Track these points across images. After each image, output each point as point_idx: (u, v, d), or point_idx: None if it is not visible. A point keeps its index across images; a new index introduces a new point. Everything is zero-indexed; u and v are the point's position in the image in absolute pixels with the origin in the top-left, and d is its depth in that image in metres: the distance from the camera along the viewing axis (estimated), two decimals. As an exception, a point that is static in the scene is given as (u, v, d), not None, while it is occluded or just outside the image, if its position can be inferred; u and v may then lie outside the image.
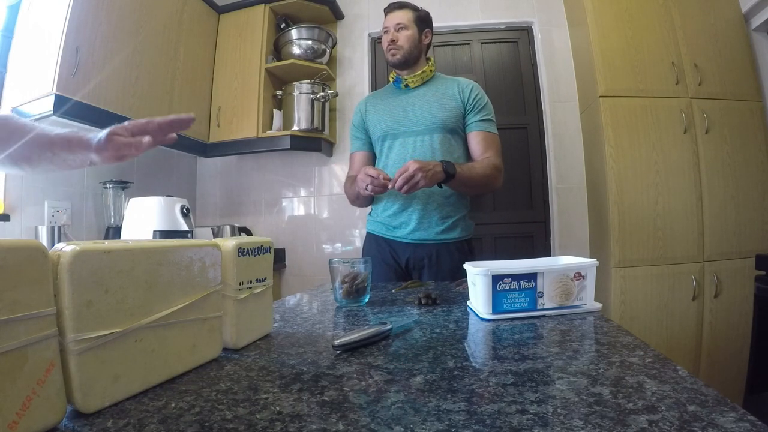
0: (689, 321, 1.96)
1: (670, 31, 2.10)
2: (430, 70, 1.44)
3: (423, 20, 1.44)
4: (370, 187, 1.20)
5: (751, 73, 2.13)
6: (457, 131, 1.39)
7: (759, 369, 1.71)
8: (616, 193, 2.01)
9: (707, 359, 1.95)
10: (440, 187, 1.26)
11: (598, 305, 0.75)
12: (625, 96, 2.06)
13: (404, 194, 1.20)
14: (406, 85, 1.44)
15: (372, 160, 1.53)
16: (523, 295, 0.73)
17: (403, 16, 1.41)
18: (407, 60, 1.41)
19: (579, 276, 0.74)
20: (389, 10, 1.44)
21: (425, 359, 0.52)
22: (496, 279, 0.72)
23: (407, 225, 1.36)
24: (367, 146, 1.52)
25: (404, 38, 1.40)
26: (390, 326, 0.63)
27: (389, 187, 1.18)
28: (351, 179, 1.46)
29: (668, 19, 2.11)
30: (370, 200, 1.47)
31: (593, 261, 0.76)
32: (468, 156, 1.42)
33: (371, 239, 1.48)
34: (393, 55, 1.41)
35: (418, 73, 1.42)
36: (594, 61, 2.09)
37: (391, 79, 1.49)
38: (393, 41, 1.40)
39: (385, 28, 1.43)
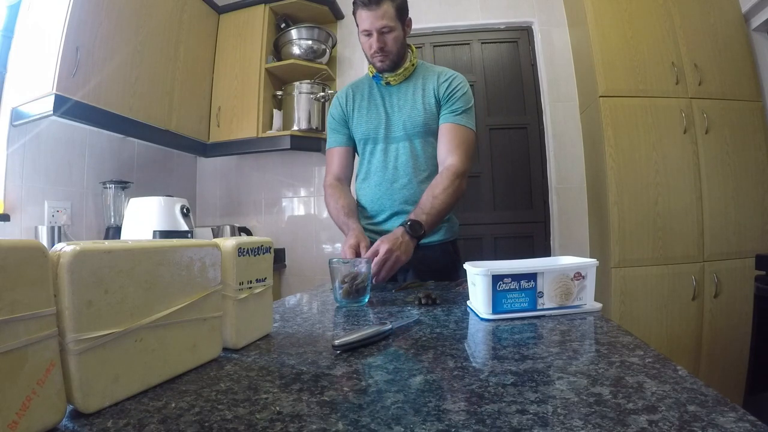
0: (689, 321, 1.96)
1: (670, 31, 2.10)
2: (412, 65, 1.32)
3: (402, 9, 1.26)
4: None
5: (751, 73, 2.13)
6: (435, 132, 1.32)
7: (759, 369, 1.71)
8: (616, 193, 2.01)
9: (707, 359, 1.95)
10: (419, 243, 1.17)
11: (598, 305, 0.75)
12: (625, 96, 2.06)
13: (384, 280, 1.10)
14: (387, 83, 1.33)
15: (352, 156, 1.43)
16: (523, 295, 0.72)
17: (385, 14, 1.21)
18: (396, 63, 1.29)
19: (579, 276, 0.74)
20: (366, 6, 1.20)
21: (425, 359, 0.52)
22: (496, 279, 0.72)
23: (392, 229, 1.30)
24: (349, 141, 1.40)
25: (392, 42, 1.25)
26: (390, 326, 0.63)
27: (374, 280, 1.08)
28: (332, 189, 1.35)
29: (668, 19, 2.11)
30: None
31: (593, 261, 0.75)
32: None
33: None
34: (381, 62, 1.27)
35: (400, 71, 1.30)
36: (594, 61, 2.09)
37: (370, 73, 1.36)
38: (381, 48, 1.24)
39: (366, 30, 1.24)
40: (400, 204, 1.31)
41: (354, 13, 1.27)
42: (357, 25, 1.29)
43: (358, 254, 1.12)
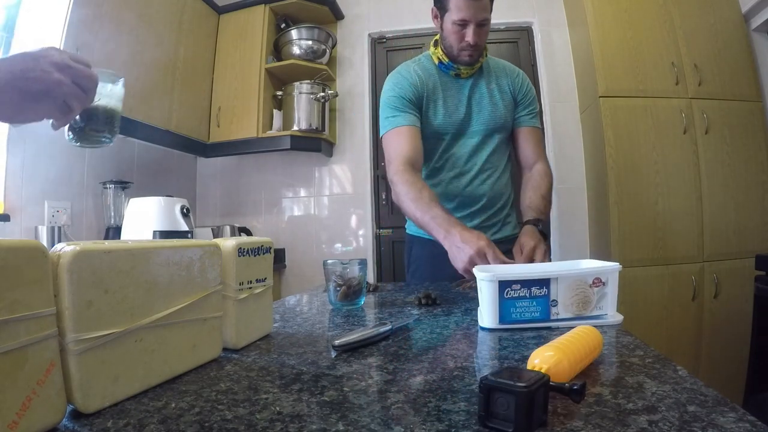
0: (689, 321, 1.96)
1: (670, 31, 2.10)
2: (484, 59, 1.27)
3: (492, 2, 1.19)
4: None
5: (751, 73, 2.13)
6: (510, 129, 1.31)
7: (759, 369, 1.71)
8: (616, 193, 2.01)
9: (707, 359, 1.95)
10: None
11: (620, 317, 0.67)
12: (625, 96, 2.06)
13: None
14: (457, 74, 1.24)
15: (421, 141, 1.22)
16: (534, 303, 0.64)
17: (486, 6, 1.13)
18: (479, 59, 1.22)
19: (598, 282, 0.65)
20: None
21: (425, 359, 0.52)
22: (504, 285, 0.64)
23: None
24: (419, 122, 1.22)
25: (485, 36, 1.17)
26: (390, 326, 0.63)
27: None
28: (413, 182, 1.09)
29: (668, 19, 2.11)
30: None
31: (615, 265, 0.66)
32: (513, 148, 1.34)
33: (421, 244, 1.29)
34: (470, 56, 1.18)
35: (476, 66, 1.23)
36: (594, 61, 2.09)
37: (435, 60, 1.25)
38: (477, 44, 1.15)
39: (463, 20, 1.13)
40: (481, 198, 1.26)
41: None
42: (443, 10, 1.16)
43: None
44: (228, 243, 0.56)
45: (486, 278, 0.65)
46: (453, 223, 0.99)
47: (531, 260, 1.00)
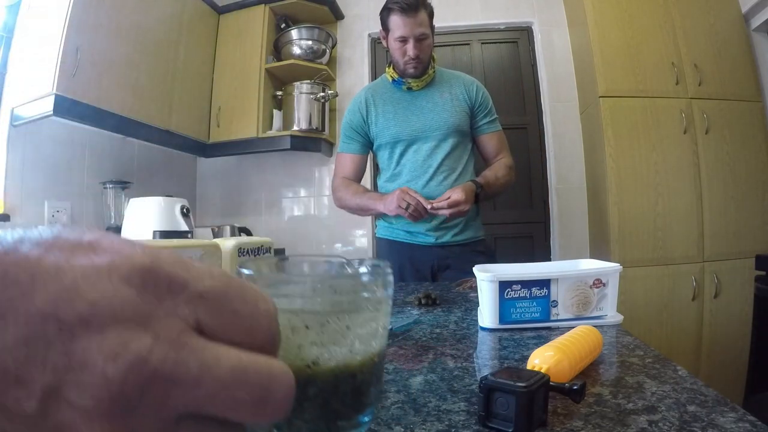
0: (689, 321, 1.96)
1: (670, 31, 2.10)
2: (434, 70, 1.37)
3: (432, 17, 1.32)
4: (410, 209, 1.16)
5: (751, 73, 2.13)
6: (466, 133, 1.38)
7: (759, 369, 1.71)
8: (616, 193, 2.01)
9: (707, 359, 1.95)
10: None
11: (620, 317, 0.67)
12: (625, 96, 2.06)
13: (448, 217, 1.21)
14: (409, 88, 1.36)
15: (365, 164, 1.47)
16: (534, 304, 0.65)
17: (422, 21, 1.26)
18: (426, 70, 1.33)
19: (599, 283, 0.65)
20: (405, 12, 1.24)
21: (425, 359, 0.52)
22: (504, 286, 0.64)
23: (430, 229, 1.34)
24: (364, 149, 1.44)
25: (426, 49, 1.29)
26: (390, 326, 0.63)
27: (428, 209, 1.18)
28: (346, 184, 1.40)
29: (668, 20, 2.11)
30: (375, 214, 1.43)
31: (616, 266, 0.66)
32: (476, 156, 1.43)
33: (388, 245, 1.42)
34: (415, 68, 1.30)
35: (424, 77, 1.34)
36: (594, 62, 2.09)
37: (389, 78, 1.39)
38: (417, 56, 1.27)
39: (402, 37, 1.26)
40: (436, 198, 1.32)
41: (385, 19, 1.31)
42: (387, 30, 1.32)
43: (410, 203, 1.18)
44: (228, 243, 0.57)
45: (486, 278, 0.65)
46: (384, 194, 1.31)
47: (447, 197, 1.17)
